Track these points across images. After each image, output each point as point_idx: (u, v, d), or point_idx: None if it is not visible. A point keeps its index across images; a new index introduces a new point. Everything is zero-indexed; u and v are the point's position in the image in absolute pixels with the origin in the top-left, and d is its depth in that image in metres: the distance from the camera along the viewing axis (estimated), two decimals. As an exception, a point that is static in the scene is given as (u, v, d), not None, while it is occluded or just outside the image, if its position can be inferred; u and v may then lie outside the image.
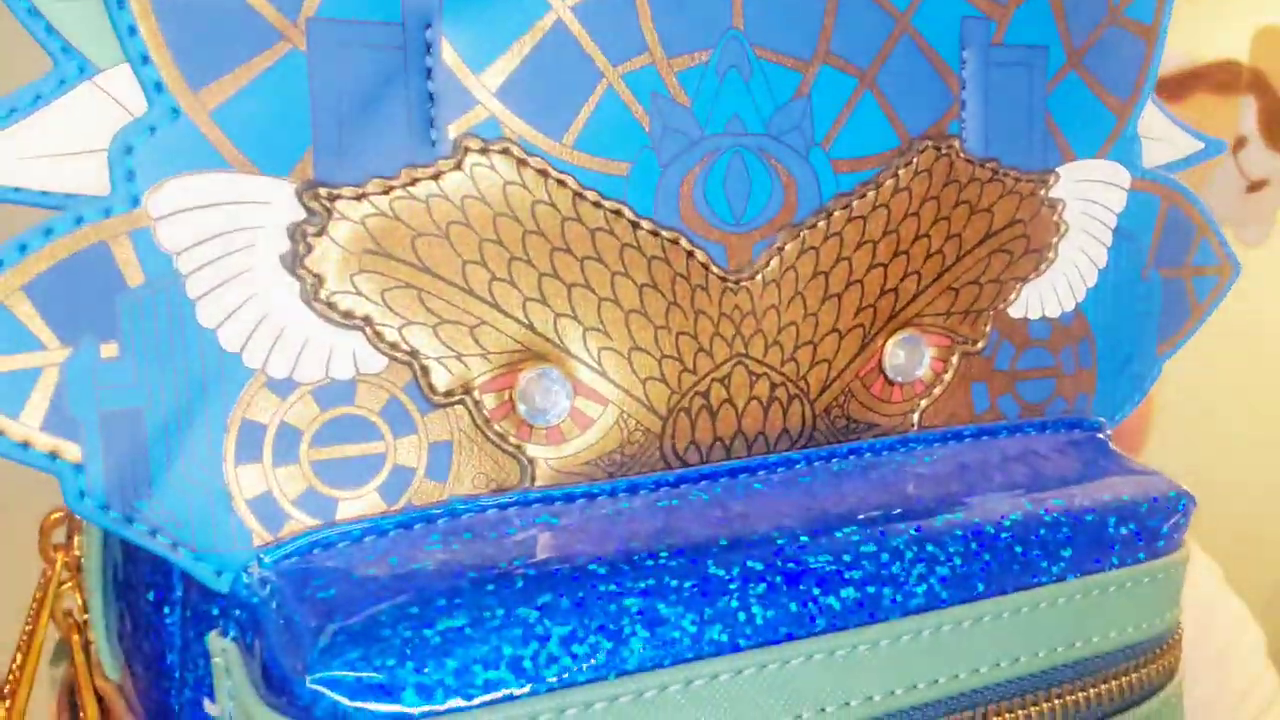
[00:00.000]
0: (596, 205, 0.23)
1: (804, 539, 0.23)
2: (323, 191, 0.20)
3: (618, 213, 0.23)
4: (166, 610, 0.22)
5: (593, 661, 0.20)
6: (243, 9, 0.19)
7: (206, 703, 0.22)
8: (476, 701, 0.19)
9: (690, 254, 0.24)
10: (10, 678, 0.27)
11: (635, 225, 0.23)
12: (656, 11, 0.23)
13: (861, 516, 0.23)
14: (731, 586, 0.21)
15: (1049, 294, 0.28)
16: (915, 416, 0.27)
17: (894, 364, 0.26)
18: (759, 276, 0.25)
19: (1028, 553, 0.24)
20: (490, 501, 0.22)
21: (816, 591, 0.22)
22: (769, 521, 0.23)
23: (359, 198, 0.21)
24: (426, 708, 0.19)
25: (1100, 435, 0.29)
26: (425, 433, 0.22)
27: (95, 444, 0.19)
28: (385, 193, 0.21)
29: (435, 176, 0.21)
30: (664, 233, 0.23)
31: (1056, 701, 0.24)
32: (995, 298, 0.27)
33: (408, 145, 0.21)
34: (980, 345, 0.28)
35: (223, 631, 0.21)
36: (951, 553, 0.23)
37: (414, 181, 0.21)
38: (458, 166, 0.21)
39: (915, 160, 0.26)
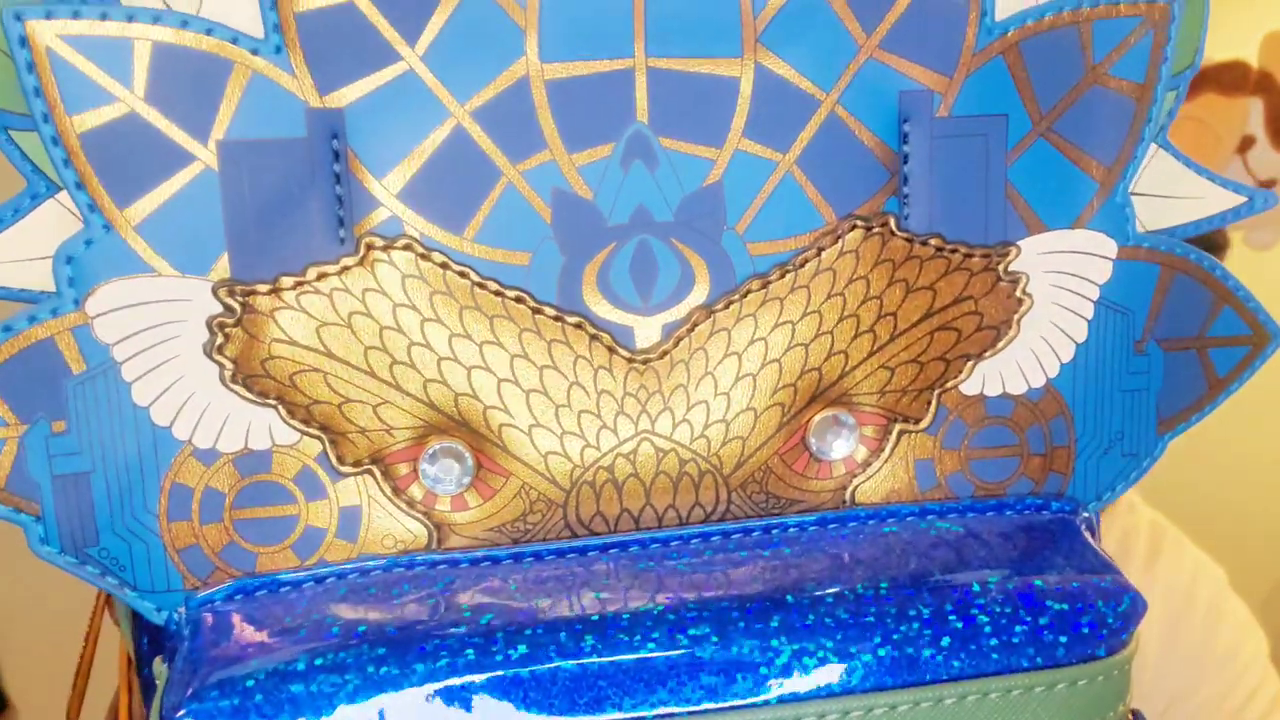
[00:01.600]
0: (496, 293, 0.24)
1: (682, 616, 0.23)
2: (236, 289, 0.23)
3: (518, 299, 0.25)
4: (143, 636, 0.26)
5: None
6: (158, 137, 0.23)
7: None
8: None
9: (594, 336, 0.25)
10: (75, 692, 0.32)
11: (536, 310, 0.25)
12: (556, 110, 0.24)
13: (748, 598, 0.24)
14: (585, 669, 0.22)
15: (1011, 370, 0.27)
16: (849, 494, 0.27)
17: (818, 442, 0.26)
18: (667, 357, 0.25)
19: (925, 647, 0.24)
20: (395, 562, 0.25)
21: (672, 684, 0.23)
22: (651, 596, 0.24)
23: (269, 293, 0.24)
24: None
25: (1075, 518, 0.27)
26: (335, 498, 0.25)
27: (50, 502, 0.24)
28: (293, 288, 0.24)
29: (339, 272, 0.24)
30: (566, 317, 0.25)
31: None
32: (939, 376, 0.27)
33: (314, 245, 0.24)
34: (924, 423, 0.27)
35: (164, 659, 0.25)
36: (826, 644, 0.23)
37: (319, 277, 0.24)
38: (360, 263, 0.24)
39: (841, 240, 0.26)
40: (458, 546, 0.25)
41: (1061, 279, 0.27)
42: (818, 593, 0.24)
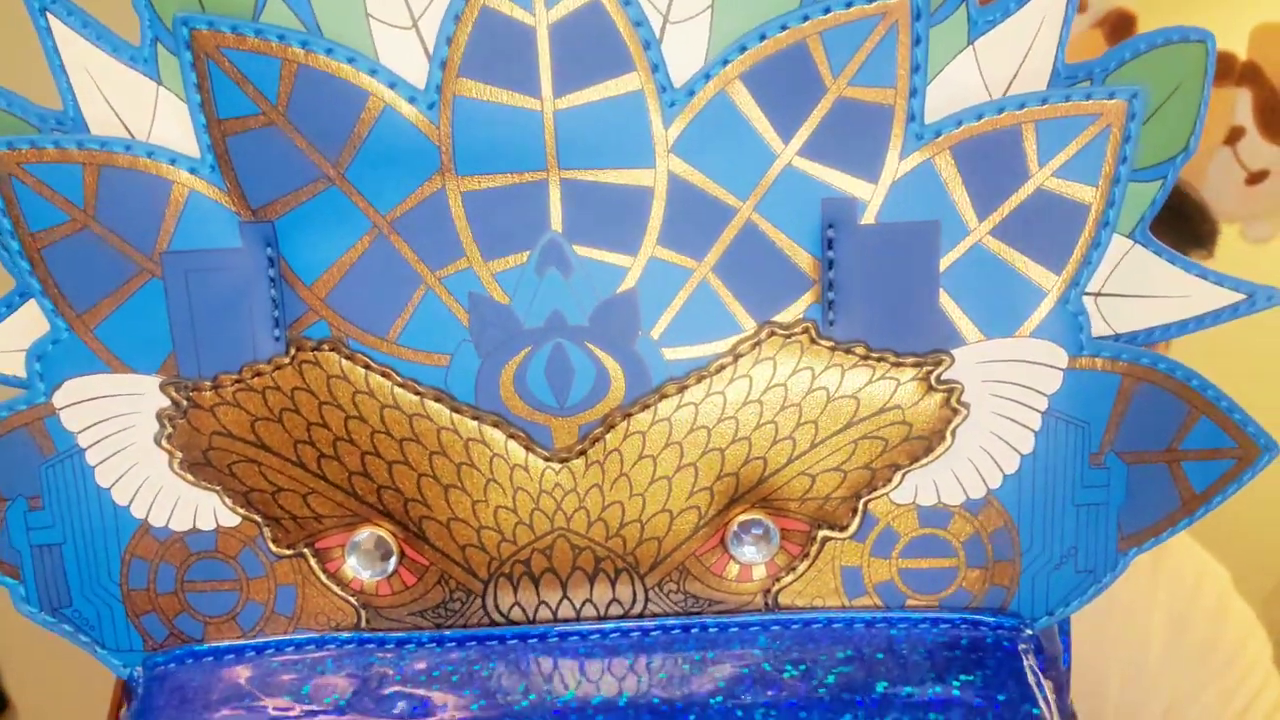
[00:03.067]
0: (415, 393, 0.26)
1: (585, 714, 0.24)
2: (182, 384, 0.26)
3: (437, 399, 0.26)
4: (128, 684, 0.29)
5: None
6: (110, 252, 0.25)
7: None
8: None
9: (511, 436, 0.26)
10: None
11: (454, 410, 0.26)
12: (473, 220, 0.25)
13: (651, 708, 0.24)
14: None
15: (947, 480, 0.26)
16: (767, 598, 0.27)
17: (736, 546, 0.26)
18: (583, 457, 0.26)
19: None
20: (325, 639, 0.27)
21: None
22: (560, 689, 0.25)
23: (210, 390, 0.26)
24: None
25: (1014, 635, 0.26)
26: (273, 577, 0.27)
27: (29, 568, 0.27)
28: (230, 385, 0.26)
29: (272, 372, 0.26)
30: (483, 417, 0.26)
31: None
32: (865, 484, 0.26)
33: (251, 345, 0.26)
34: (849, 531, 0.26)
35: (127, 707, 0.28)
36: None
37: (254, 376, 0.26)
38: (290, 363, 0.26)
39: (759, 347, 0.25)
40: (383, 628, 0.27)
41: (1003, 388, 0.26)
42: (726, 702, 0.25)
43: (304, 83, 0.24)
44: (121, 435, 0.26)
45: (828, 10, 0.24)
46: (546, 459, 0.26)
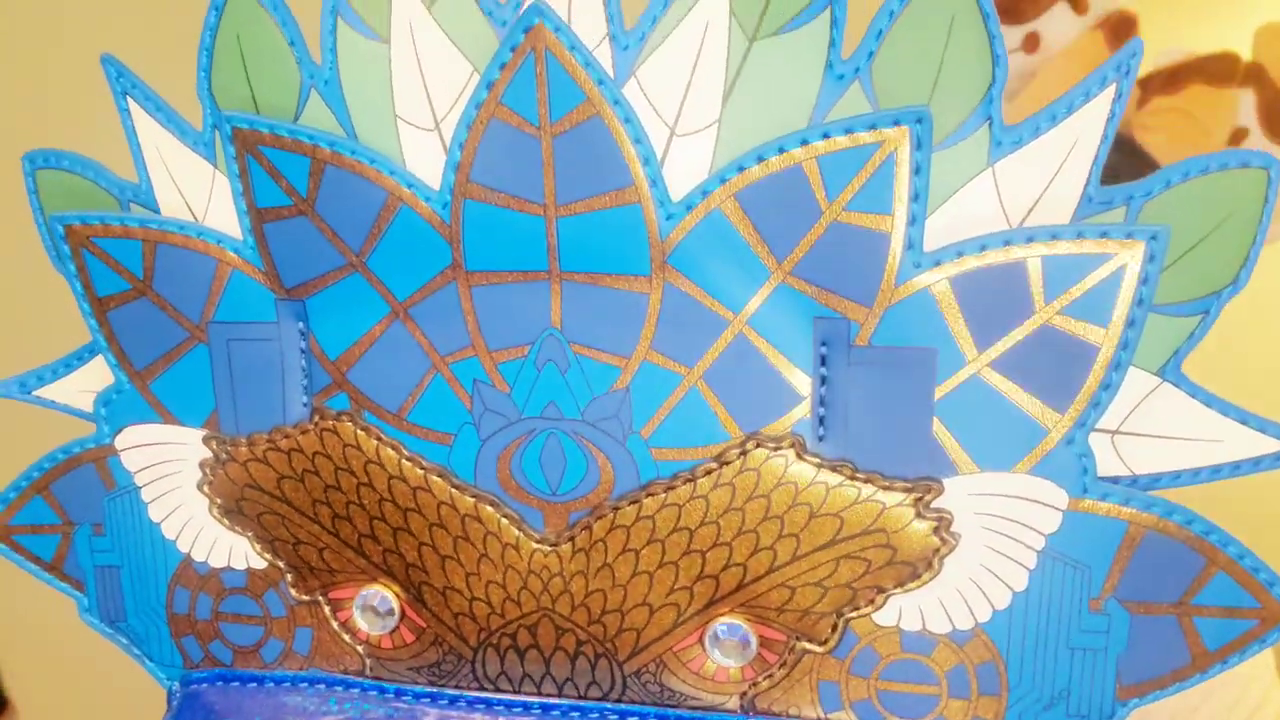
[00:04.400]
0: (419, 468, 0.27)
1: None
2: (221, 439, 0.28)
3: (440, 475, 0.27)
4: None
5: None
6: (164, 318, 0.28)
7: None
8: None
9: (504, 516, 0.27)
10: None
11: (455, 487, 0.27)
12: (480, 312, 0.26)
13: None
14: None
15: (933, 608, 0.25)
16: (744, 700, 0.27)
17: (712, 647, 0.26)
18: (570, 544, 0.27)
19: None
20: (333, 680, 0.29)
21: None
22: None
23: (244, 446, 0.28)
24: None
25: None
26: (293, 618, 0.29)
27: (92, 584, 0.30)
28: (261, 444, 0.28)
29: (297, 435, 0.28)
30: (481, 496, 0.27)
31: None
32: (846, 602, 0.26)
33: (280, 409, 0.28)
34: (828, 646, 0.26)
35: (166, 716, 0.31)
36: None
37: (282, 438, 0.28)
38: (312, 429, 0.28)
39: (744, 457, 0.25)
40: (384, 677, 0.29)
41: (996, 523, 0.25)
42: None
43: (331, 180, 0.26)
44: (170, 479, 0.29)
45: (826, 136, 0.23)
46: (537, 541, 0.27)
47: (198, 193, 0.28)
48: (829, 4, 0.24)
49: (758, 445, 0.25)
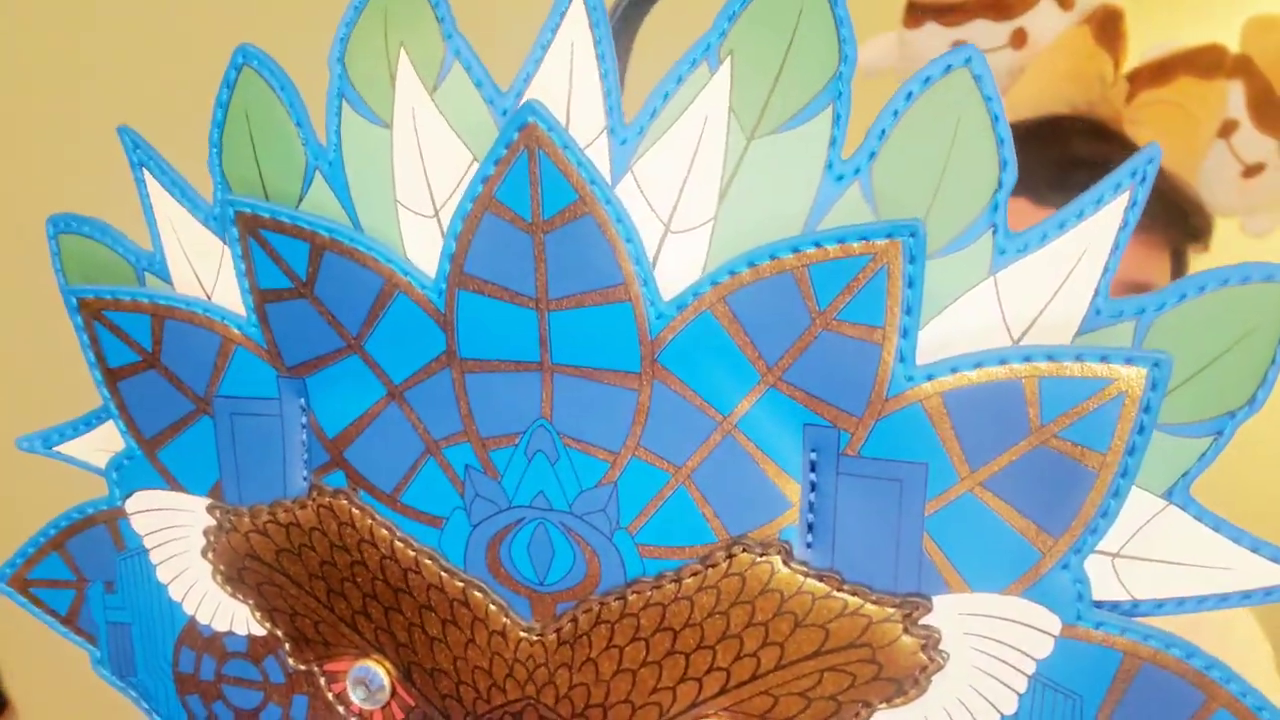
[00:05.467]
0: (410, 549, 0.27)
1: None
2: (225, 509, 0.29)
3: (431, 558, 0.27)
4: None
5: None
6: (171, 390, 0.28)
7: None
8: None
9: (492, 603, 0.27)
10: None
11: (444, 570, 0.27)
12: (473, 399, 0.26)
13: None
14: None
15: (918, 726, 0.25)
16: None
17: (695, 749, 0.26)
18: (555, 635, 0.27)
19: None
20: (325, 750, 0.29)
21: None
22: None
23: (246, 516, 0.29)
24: None
25: None
26: (290, 685, 0.30)
27: (104, 638, 0.31)
28: (262, 516, 0.28)
29: (295, 509, 0.28)
30: (470, 582, 0.27)
31: None
32: (831, 714, 0.25)
33: (281, 483, 0.28)
34: None
35: (174, 770, 0.31)
36: None
37: (282, 510, 0.28)
38: (310, 504, 0.28)
39: (728, 562, 0.25)
40: (374, 750, 0.29)
41: (986, 644, 0.24)
42: None
43: (330, 265, 0.26)
44: (177, 543, 0.30)
45: (817, 244, 0.23)
46: (523, 630, 0.27)
47: (207, 267, 0.28)
48: (831, 101, 0.24)
49: (744, 549, 0.25)
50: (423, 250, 0.26)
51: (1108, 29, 0.69)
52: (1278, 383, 0.23)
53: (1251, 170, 0.68)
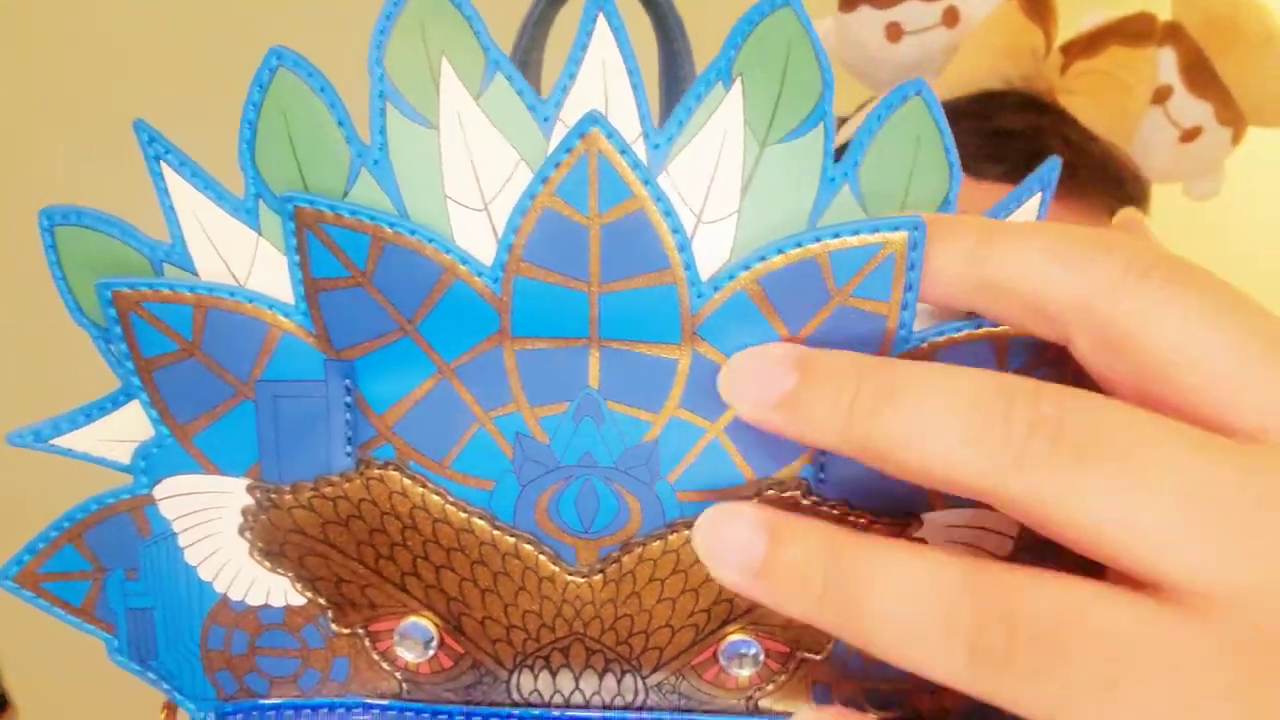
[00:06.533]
0: (463, 511, 0.30)
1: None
2: (265, 488, 0.30)
3: (481, 518, 0.30)
4: None
5: None
6: (211, 377, 0.29)
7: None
8: None
9: (541, 553, 0.30)
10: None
11: (495, 528, 0.30)
12: (523, 373, 0.29)
13: None
14: None
15: (907, 619, 0.31)
16: (749, 703, 0.31)
17: (726, 663, 0.31)
18: (600, 575, 0.30)
19: None
20: (369, 704, 0.32)
21: None
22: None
23: (289, 494, 0.30)
24: None
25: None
26: (331, 649, 0.32)
27: (123, 626, 0.31)
28: (306, 492, 0.30)
29: (342, 483, 0.30)
30: (519, 536, 0.30)
31: None
32: (839, 619, 0.31)
33: (324, 461, 0.30)
34: (824, 654, 0.31)
35: (199, 745, 0.33)
36: None
37: (327, 485, 0.30)
38: (358, 478, 0.30)
39: (755, 498, 0.30)
40: (420, 699, 0.32)
41: (962, 534, 0.30)
42: None
43: (389, 255, 0.28)
44: (209, 525, 0.31)
45: (837, 235, 0.28)
46: (570, 574, 0.31)
47: (239, 258, 0.29)
48: (821, 120, 0.28)
49: (770, 488, 0.30)
50: (473, 240, 0.29)
51: (1036, 4, 0.71)
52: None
53: (1189, 134, 0.71)
